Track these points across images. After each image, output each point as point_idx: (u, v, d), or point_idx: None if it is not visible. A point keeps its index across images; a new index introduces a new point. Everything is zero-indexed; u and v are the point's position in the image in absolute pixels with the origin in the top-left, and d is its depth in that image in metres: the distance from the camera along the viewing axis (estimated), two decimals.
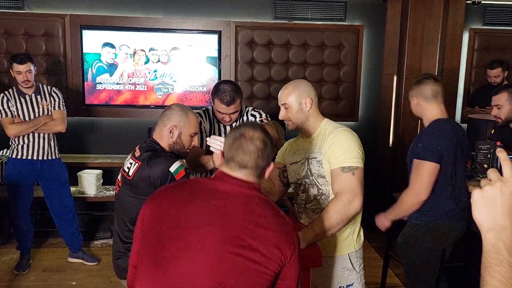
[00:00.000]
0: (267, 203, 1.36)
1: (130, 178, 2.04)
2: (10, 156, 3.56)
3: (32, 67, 3.43)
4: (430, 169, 2.25)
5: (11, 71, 3.43)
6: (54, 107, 3.54)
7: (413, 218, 2.42)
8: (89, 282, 3.50)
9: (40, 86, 3.56)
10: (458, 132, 2.36)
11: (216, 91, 2.55)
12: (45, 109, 3.51)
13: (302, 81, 2.08)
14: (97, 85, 4.49)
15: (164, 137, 2.13)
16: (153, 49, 4.49)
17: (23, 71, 3.37)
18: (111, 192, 4.15)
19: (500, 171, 0.90)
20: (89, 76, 4.47)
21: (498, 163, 0.92)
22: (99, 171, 4.27)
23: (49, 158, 3.58)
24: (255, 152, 1.38)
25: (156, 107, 4.47)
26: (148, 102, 4.54)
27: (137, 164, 2.03)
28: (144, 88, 4.53)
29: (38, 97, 3.50)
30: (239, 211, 1.30)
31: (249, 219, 1.28)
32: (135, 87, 4.52)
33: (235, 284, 1.23)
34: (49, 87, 3.61)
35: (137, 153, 2.09)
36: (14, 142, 3.51)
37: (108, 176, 4.35)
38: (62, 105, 3.59)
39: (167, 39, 4.51)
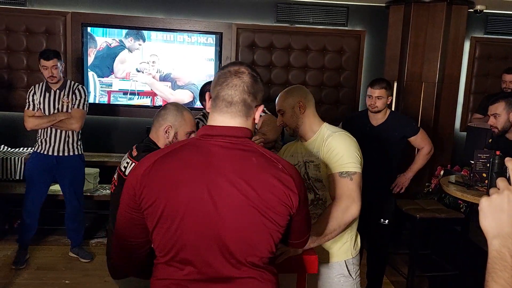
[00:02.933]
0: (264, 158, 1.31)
1: (126, 177, 2.03)
2: (34, 150, 3.67)
3: (58, 63, 3.50)
4: None
5: (39, 66, 3.51)
6: (74, 105, 3.57)
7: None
8: (84, 281, 3.48)
9: (68, 82, 3.62)
10: None
11: (201, 94, 2.52)
12: (65, 106, 3.57)
13: (297, 86, 2.10)
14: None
15: (160, 137, 2.12)
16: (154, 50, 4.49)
17: (49, 67, 3.45)
18: (107, 191, 4.13)
19: (508, 180, 0.92)
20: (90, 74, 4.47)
21: (507, 173, 0.94)
22: (96, 170, 4.25)
23: (65, 154, 3.63)
24: (241, 86, 1.31)
25: (155, 106, 4.46)
26: (147, 102, 4.53)
27: (133, 163, 2.02)
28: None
29: (62, 93, 3.56)
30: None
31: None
32: (135, 86, 4.51)
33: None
34: (76, 84, 3.67)
35: (134, 153, 2.08)
36: (38, 136, 3.62)
37: (105, 174, 4.33)
38: (83, 104, 3.61)
39: (168, 39, 4.50)
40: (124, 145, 2.88)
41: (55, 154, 3.60)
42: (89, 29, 4.42)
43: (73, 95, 3.58)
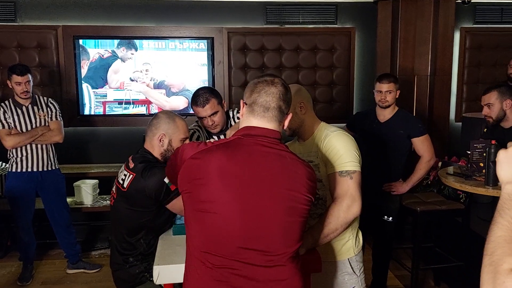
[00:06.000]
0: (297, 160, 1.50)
1: (125, 190, 2.03)
2: (10, 170, 3.53)
3: (30, 78, 3.45)
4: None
5: (8, 82, 3.45)
6: (51, 117, 3.54)
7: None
8: None
9: (37, 97, 3.56)
10: None
11: (191, 99, 2.57)
12: (42, 120, 3.51)
13: (295, 86, 2.06)
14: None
15: (155, 147, 2.12)
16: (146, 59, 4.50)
17: (23, 82, 3.38)
18: (108, 201, 4.13)
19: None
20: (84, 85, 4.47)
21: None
22: (95, 181, 4.26)
23: (49, 168, 3.58)
24: (277, 94, 1.47)
25: (150, 114, 4.46)
26: (143, 111, 4.54)
27: (131, 175, 2.02)
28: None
29: (35, 107, 3.50)
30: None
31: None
32: (130, 95, 4.52)
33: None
34: (45, 98, 3.62)
35: (131, 164, 2.08)
36: (12, 155, 3.49)
37: (105, 185, 4.33)
38: (59, 115, 3.59)
39: (159, 47, 4.51)
40: (123, 154, 2.88)
41: (40, 169, 3.52)
42: (80, 41, 4.42)
43: (48, 108, 3.54)
